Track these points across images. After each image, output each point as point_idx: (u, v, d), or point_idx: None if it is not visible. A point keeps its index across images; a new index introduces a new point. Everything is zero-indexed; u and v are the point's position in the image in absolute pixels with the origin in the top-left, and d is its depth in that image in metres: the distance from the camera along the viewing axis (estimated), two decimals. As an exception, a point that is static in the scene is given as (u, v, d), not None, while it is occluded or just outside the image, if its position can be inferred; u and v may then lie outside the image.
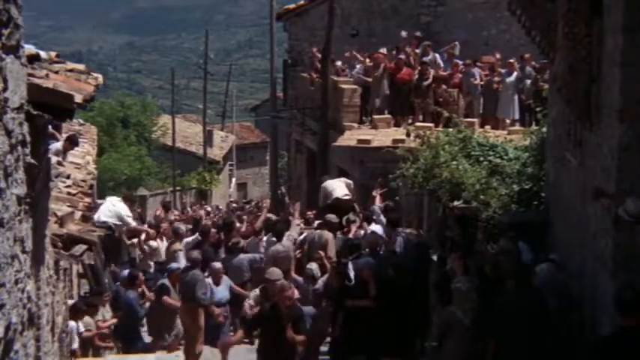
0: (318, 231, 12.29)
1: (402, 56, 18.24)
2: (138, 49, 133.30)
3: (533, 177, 10.59)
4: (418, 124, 16.06)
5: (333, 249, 11.51)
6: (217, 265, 11.11)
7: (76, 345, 9.97)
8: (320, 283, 10.07)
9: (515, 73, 16.88)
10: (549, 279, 7.40)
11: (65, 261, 7.11)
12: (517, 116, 17.05)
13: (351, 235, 11.94)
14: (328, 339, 9.98)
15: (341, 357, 9.48)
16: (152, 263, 13.97)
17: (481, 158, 12.05)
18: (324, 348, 10.05)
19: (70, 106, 4.14)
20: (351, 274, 10.14)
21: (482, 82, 17.63)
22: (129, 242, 14.48)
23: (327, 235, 11.85)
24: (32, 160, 3.37)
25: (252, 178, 51.52)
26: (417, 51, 18.73)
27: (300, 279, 10.45)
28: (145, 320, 11.28)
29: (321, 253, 11.15)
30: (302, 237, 12.54)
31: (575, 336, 6.70)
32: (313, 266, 10.39)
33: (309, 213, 15.51)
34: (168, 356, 10.60)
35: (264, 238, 12.52)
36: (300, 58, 24.13)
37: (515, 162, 11.47)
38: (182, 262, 11.70)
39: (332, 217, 12.36)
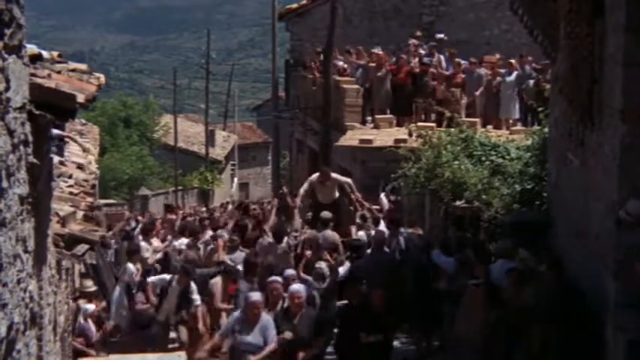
0: (328, 231, 11.82)
1: (404, 56, 18.22)
2: (140, 48, 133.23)
3: (535, 177, 10.59)
4: (420, 123, 16.05)
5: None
6: (255, 296, 8.35)
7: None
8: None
9: (515, 73, 16.87)
10: None
11: (67, 261, 7.11)
12: (518, 116, 17.03)
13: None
14: None
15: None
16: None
17: (483, 158, 12.05)
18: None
19: (72, 106, 4.14)
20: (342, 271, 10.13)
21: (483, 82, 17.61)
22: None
23: (335, 235, 11.75)
24: (34, 160, 3.37)
25: (254, 178, 51.48)
26: (421, 52, 18.73)
27: (309, 278, 10.18)
28: None
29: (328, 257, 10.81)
30: (305, 236, 12.43)
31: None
32: (322, 265, 10.32)
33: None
34: (169, 356, 10.57)
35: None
36: (301, 58, 24.11)
37: (518, 162, 11.47)
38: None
39: (326, 214, 12.16)
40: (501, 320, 7.25)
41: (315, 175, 13.69)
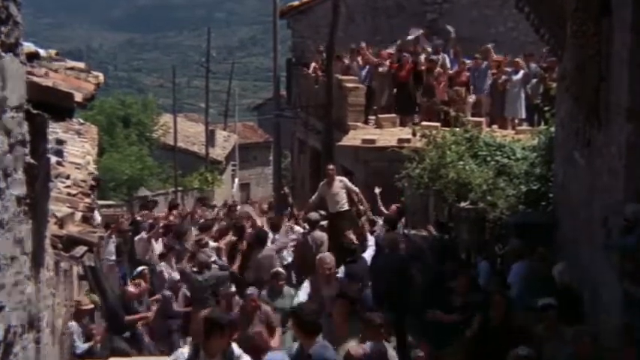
0: (317, 232, 11.57)
1: (406, 55, 18.15)
2: (138, 46, 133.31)
3: (541, 177, 10.51)
4: (424, 123, 15.95)
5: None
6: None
7: None
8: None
9: (522, 71, 16.77)
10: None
11: (65, 262, 7.06)
12: (524, 115, 16.93)
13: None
14: None
15: None
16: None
17: (488, 158, 11.99)
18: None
19: (70, 105, 4.06)
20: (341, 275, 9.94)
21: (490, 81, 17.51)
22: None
23: (324, 236, 11.59)
24: (32, 160, 3.35)
25: (256, 178, 51.38)
26: (429, 50, 18.66)
27: None
28: None
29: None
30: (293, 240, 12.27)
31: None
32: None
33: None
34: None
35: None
36: (303, 56, 24.04)
37: (523, 162, 11.41)
38: None
39: (314, 216, 11.95)
40: None
41: (323, 181, 13.43)
